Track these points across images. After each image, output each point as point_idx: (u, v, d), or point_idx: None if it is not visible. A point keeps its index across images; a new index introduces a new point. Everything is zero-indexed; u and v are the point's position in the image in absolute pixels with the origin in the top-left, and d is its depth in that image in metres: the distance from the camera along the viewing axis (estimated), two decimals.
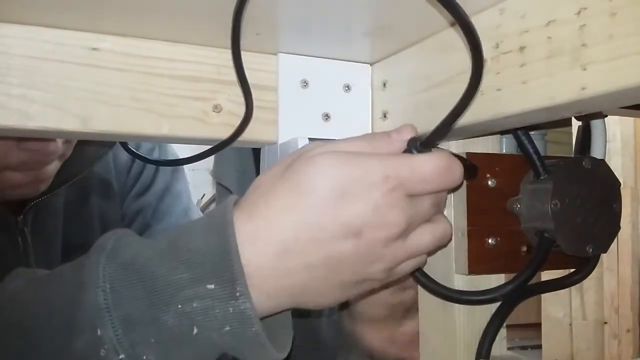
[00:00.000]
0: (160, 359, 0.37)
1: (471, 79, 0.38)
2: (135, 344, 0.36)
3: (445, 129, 0.40)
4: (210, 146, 0.54)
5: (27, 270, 0.44)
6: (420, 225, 0.42)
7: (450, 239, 0.45)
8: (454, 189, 0.46)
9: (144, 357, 0.37)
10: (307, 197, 0.38)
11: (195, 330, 0.37)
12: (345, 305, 0.63)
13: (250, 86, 0.53)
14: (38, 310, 0.39)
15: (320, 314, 0.61)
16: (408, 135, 0.42)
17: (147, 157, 0.75)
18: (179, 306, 0.37)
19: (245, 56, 0.53)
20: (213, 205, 2.33)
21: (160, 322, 0.37)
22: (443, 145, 0.53)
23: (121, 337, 0.36)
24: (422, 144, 0.41)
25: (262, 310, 0.38)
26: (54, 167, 0.76)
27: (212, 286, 0.37)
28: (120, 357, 0.36)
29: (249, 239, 0.38)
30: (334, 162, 0.39)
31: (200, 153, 0.56)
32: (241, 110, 0.52)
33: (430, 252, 0.45)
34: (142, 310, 0.37)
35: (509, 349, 0.54)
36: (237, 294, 0.37)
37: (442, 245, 0.45)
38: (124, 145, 0.74)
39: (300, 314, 0.49)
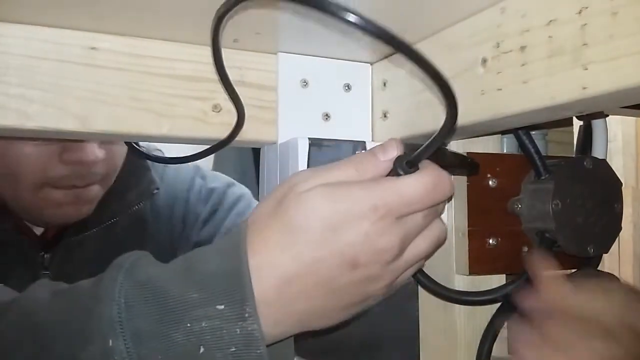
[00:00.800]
0: None
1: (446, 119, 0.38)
2: (143, 357, 0.38)
3: (430, 149, 0.41)
4: (209, 146, 0.54)
5: (50, 282, 0.46)
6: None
7: (446, 237, 0.45)
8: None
9: None
10: (301, 234, 0.39)
11: (201, 350, 0.38)
12: None
13: (250, 86, 0.53)
14: (55, 317, 0.41)
15: None
16: (394, 152, 0.42)
17: (147, 154, 0.74)
18: (188, 325, 0.38)
19: (245, 55, 0.53)
20: None
21: (169, 339, 0.38)
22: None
23: (131, 349, 0.37)
24: (408, 164, 0.41)
25: (268, 336, 0.39)
26: (95, 189, 0.75)
27: (222, 307, 0.38)
28: None
29: (253, 272, 0.39)
30: (323, 198, 0.39)
31: (197, 153, 0.56)
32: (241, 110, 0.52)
33: (428, 256, 0.45)
34: (153, 326, 0.38)
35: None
36: (246, 315, 0.38)
37: (439, 246, 0.45)
38: (128, 143, 0.73)
39: None
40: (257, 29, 0.49)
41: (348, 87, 0.56)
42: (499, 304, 0.51)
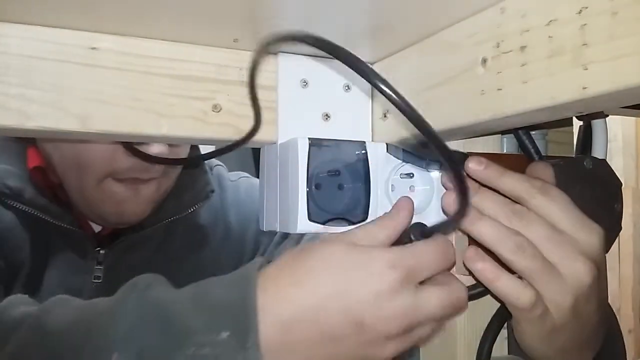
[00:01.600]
0: None
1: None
2: None
3: (446, 229, 0.45)
4: (211, 146, 0.54)
5: (70, 298, 0.47)
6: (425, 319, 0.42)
7: (465, 305, 0.44)
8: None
9: None
10: (312, 279, 0.40)
11: None
12: None
13: None
14: (65, 328, 0.42)
15: None
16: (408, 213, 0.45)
17: (150, 155, 0.74)
18: (192, 349, 0.38)
19: (245, 55, 0.53)
20: None
21: None
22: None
23: None
24: (422, 234, 0.44)
25: None
26: (153, 186, 0.77)
27: (226, 335, 0.38)
28: None
29: (260, 308, 0.39)
30: (342, 249, 0.41)
31: (208, 153, 0.56)
32: (241, 109, 0.52)
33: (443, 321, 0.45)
34: (157, 348, 0.39)
35: None
36: (248, 345, 0.38)
37: (454, 313, 0.44)
38: (128, 145, 0.74)
39: None
40: (257, 29, 0.49)
41: (348, 87, 0.57)
42: (498, 305, 0.51)
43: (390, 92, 0.37)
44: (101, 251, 0.79)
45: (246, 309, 0.39)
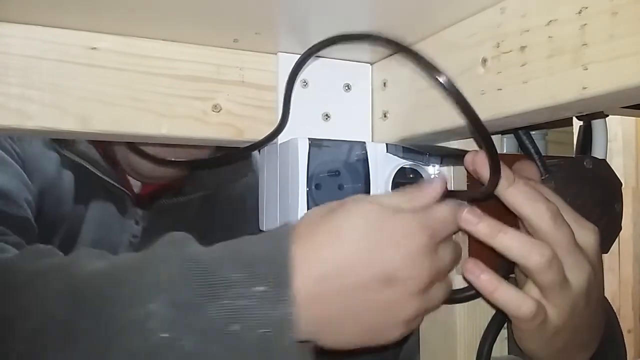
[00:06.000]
0: (195, 346, 0.39)
1: None
2: (178, 325, 0.39)
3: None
4: (209, 146, 0.54)
5: (94, 251, 0.46)
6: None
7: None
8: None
9: (182, 341, 0.39)
10: (348, 236, 0.41)
11: (233, 327, 0.39)
12: None
13: (250, 86, 0.54)
14: (96, 281, 0.42)
15: None
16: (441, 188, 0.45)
17: (160, 159, 0.74)
18: (226, 302, 0.39)
19: (245, 56, 0.53)
20: None
21: (203, 311, 0.39)
22: (445, 144, 0.53)
23: (168, 316, 0.39)
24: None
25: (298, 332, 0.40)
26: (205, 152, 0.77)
27: (262, 288, 0.39)
28: (163, 335, 0.38)
29: (298, 262, 0.40)
30: (373, 208, 0.42)
31: (224, 154, 0.57)
32: (240, 109, 0.52)
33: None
34: (191, 298, 0.39)
35: None
36: (283, 298, 0.39)
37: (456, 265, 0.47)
38: (132, 145, 0.74)
39: None
40: (257, 29, 0.49)
41: (348, 87, 0.57)
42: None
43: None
44: (139, 211, 0.81)
45: (282, 262, 0.40)
